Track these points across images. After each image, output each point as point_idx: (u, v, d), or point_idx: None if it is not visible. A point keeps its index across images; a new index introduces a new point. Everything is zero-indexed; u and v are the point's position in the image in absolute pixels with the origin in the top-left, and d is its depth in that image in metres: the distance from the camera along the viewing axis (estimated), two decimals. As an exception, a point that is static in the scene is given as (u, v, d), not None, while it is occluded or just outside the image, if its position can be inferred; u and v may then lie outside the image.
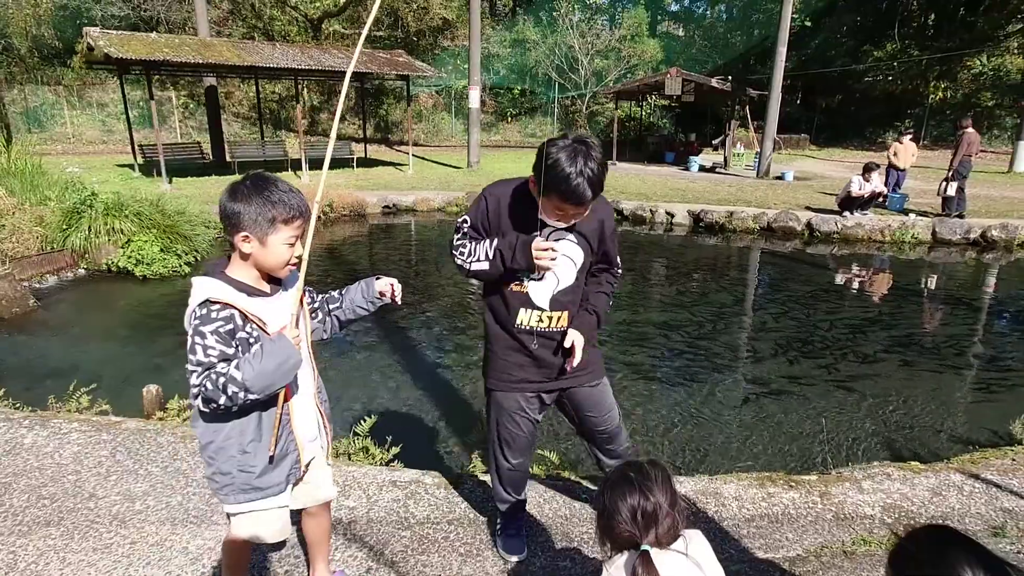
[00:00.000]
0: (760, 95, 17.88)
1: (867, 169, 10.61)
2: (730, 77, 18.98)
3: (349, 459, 3.21)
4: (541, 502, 2.62)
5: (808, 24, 23.88)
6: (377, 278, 1.80)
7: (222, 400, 1.40)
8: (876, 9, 24.96)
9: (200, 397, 1.42)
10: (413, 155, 17.64)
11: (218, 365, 1.41)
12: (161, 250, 7.60)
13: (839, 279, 8.39)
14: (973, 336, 6.12)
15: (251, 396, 1.41)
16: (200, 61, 13.27)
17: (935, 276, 8.72)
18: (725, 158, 18.22)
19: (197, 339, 1.42)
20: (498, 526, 2.36)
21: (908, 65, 22.89)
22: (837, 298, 7.43)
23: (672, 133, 24.61)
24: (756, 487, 2.80)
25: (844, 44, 24.42)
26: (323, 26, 26.39)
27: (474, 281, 3.04)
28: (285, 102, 25.29)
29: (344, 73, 16.16)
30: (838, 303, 7.18)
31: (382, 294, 1.78)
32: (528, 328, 2.01)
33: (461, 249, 1.99)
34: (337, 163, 16.76)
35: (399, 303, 1.81)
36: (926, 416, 4.33)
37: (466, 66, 18.95)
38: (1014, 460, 3.01)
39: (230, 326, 1.45)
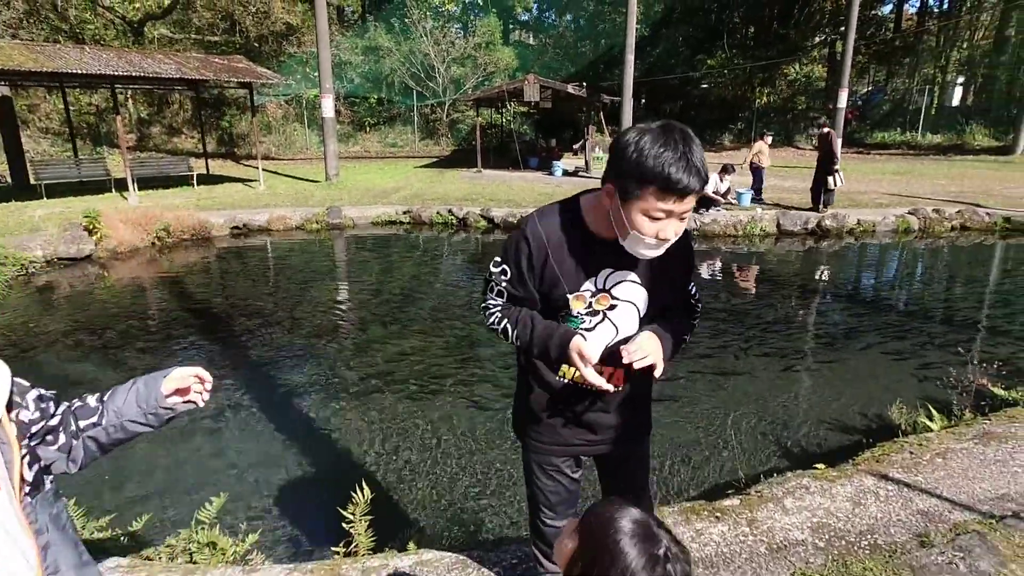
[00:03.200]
0: (613, 100, 18.61)
1: (724, 170, 11.28)
2: (584, 84, 19.58)
3: (191, 559, 2.50)
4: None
5: (647, 34, 25.45)
6: (167, 373, 1.18)
7: None
8: (707, 22, 27.18)
9: None
10: (263, 170, 16.18)
11: None
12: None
13: (704, 274, 8.72)
14: (828, 321, 6.53)
15: None
16: (-17, 66, 11.07)
17: (788, 265, 9.38)
18: (586, 162, 18.73)
19: None
20: None
21: (736, 73, 25.17)
22: (706, 294, 7.67)
23: (534, 139, 25.03)
24: (683, 523, 2.52)
25: (682, 53, 26.33)
26: (145, 30, 23.64)
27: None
28: (105, 114, 22.28)
29: (173, 80, 14.48)
30: (707, 299, 7.40)
31: (179, 395, 1.17)
32: (572, 382, 1.62)
33: (493, 315, 1.63)
34: (173, 181, 14.92)
35: (203, 403, 1.21)
36: (807, 408, 4.41)
37: (316, 74, 17.78)
38: (912, 453, 3.02)
39: None
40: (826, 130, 11.39)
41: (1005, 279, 8.07)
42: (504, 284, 1.57)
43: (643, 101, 28.72)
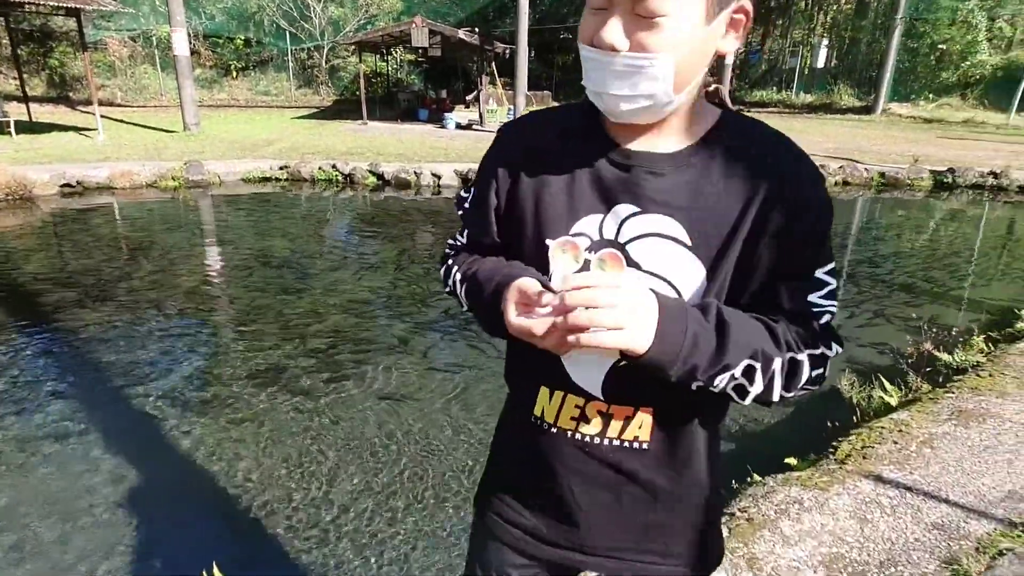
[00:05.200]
0: (507, 50, 17.69)
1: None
2: (476, 30, 18.45)
3: None
4: None
5: (539, -19, 24.49)
6: None
7: None
8: (596, -29, 26.64)
9: None
10: (105, 117, 13.74)
11: None
12: None
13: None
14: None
15: None
16: None
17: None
18: (480, 115, 17.79)
19: None
20: None
21: (627, 26, 24.99)
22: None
23: (423, 90, 23.52)
24: (668, 573, 1.94)
25: (575, 2, 25.67)
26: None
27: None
28: None
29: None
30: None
31: None
32: (552, 427, 0.92)
33: (444, 264, 1.02)
34: (-17, 129, 12.26)
35: None
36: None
37: (165, 8, 15.26)
38: (896, 443, 2.66)
39: None
40: (713, 87, 11.29)
41: (904, 236, 8.36)
42: (465, 215, 0.99)
43: (533, 53, 27.98)
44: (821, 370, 0.82)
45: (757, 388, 0.77)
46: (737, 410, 3.64)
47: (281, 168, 10.64)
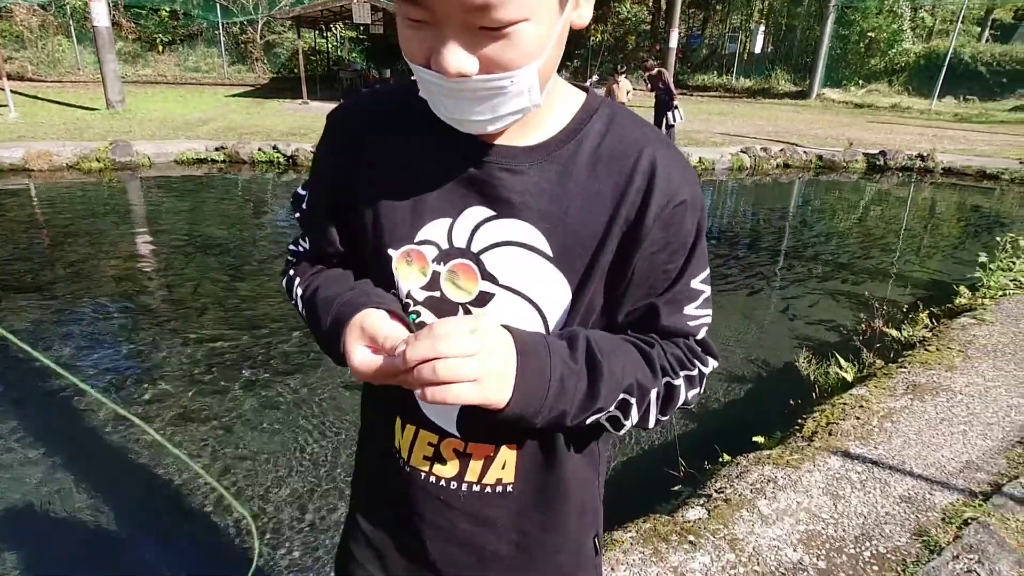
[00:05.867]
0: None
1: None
2: (420, 7, 17.98)
3: None
4: None
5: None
6: None
7: None
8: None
9: None
10: (13, 92, 12.63)
11: None
12: None
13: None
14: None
15: None
16: None
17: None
18: (426, 95, 17.41)
19: None
20: None
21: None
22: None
23: (365, 68, 22.79)
24: (653, 558, 1.91)
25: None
26: None
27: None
28: None
29: None
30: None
31: None
32: (406, 465, 0.79)
33: (288, 276, 0.85)
34: None
35: None
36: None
37: (82, -29, 14.09)
38: (858, 419, 2.72)
39: None
40: (656, 70, 11.39)
41: (843, 216, 8.69)
42: (301, 219, 0.84)
43: (479, 33, 27.62)
44: (697, 389, 0.75)
45: (632, 420, 0.70)
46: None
47: (217, 149, 10.07)
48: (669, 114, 10.96)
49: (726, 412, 3.49)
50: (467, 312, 0.71)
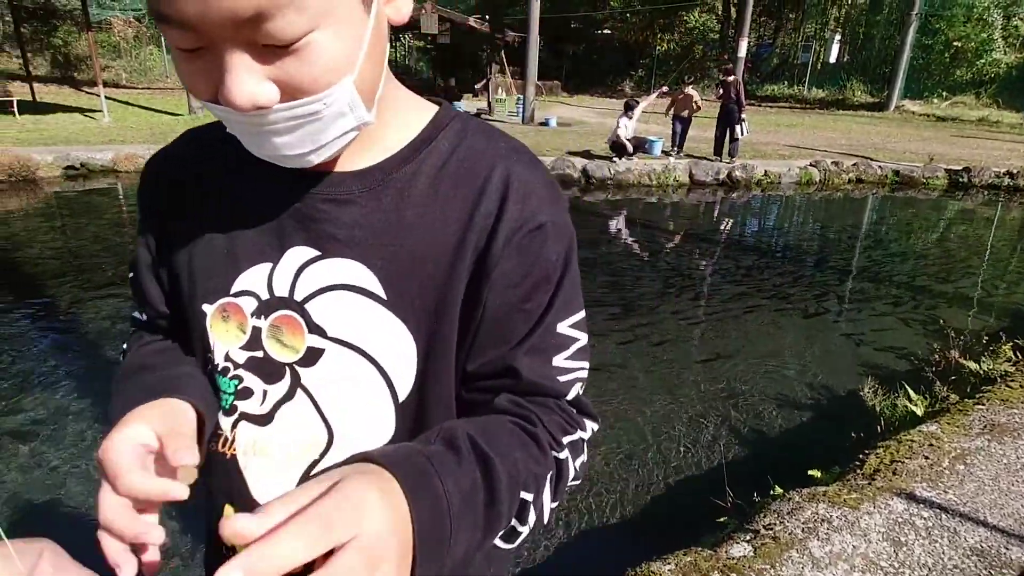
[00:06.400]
0: (516, 38, 17.46)
1: (628, 107, 10.60)
2: (487, 17, 18.23)
3: None
4: None
5: (550, -30, 24.21)
6: None
7: None
8: (608, -39, 26.38)
9: None
10: (107, 98, 13.59)
11: None
12: None
13: (618, 225, 8.17)
14: (767, 284, 6.18)
15: None
16: None
17: (707, 217, 9.08)
18: (489, 104, 17.62)
19: None
20: None
21: (639, 16, 24.73)
22: (645, 251, 7.11)
23: (431, 77, 23.31)
24: (692, 596, 1.83)
25: (585, -8, 25.50)
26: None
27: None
28: None
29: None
30: (644, 258, 6.85)
31: None
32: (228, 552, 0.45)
33: (123, 351, 0.74)
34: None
35: None
36: (763, 387, 3.91)
37: (172, -15, 14.99)
38: (927, 458, 2.53)
39: None
40: (732, 77, 11.05)
41: (920, 235, 8.20)
42: (131, 282, 0.71)
43: (542, 42, 27.72)
44: (583, 457, 0.63)
45: (530, 523, 0.57)
46: (752, 414, 3.53)
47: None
48: (736, 127, 10.68)
49: (780, 440, 3.33)
50: (294, 374, 0.59)
